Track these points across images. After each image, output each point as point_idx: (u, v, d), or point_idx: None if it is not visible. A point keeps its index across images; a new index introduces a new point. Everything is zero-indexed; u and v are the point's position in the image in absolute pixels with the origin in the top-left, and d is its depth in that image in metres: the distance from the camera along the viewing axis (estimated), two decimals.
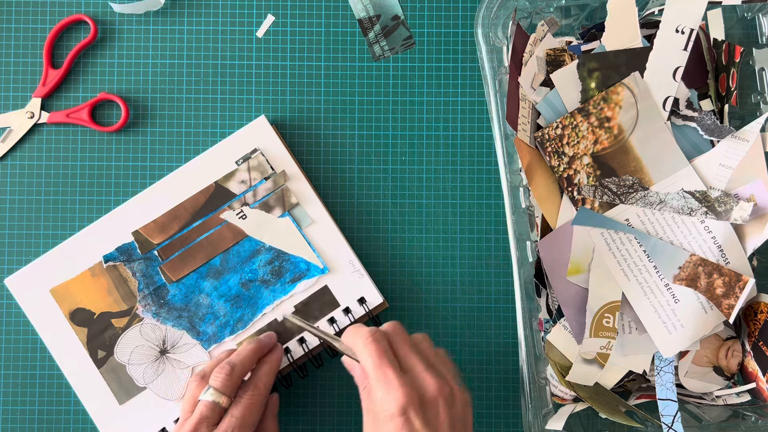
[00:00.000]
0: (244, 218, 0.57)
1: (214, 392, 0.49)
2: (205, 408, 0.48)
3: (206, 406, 0.48)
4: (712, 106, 0.54)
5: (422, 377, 0.45)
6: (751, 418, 0.53)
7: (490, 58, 0.53)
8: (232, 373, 0.49)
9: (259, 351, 0.52)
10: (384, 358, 0.45)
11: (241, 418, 0.48)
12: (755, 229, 0.51)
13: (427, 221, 0.59)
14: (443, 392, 0.45)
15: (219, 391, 0.49)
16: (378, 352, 0.45)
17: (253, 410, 0.49)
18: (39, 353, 0.58)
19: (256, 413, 0.50)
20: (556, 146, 0.53)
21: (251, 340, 0.53)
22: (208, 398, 0.49)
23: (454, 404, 0.45)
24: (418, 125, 0.59)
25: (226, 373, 0.49)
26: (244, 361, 0.51)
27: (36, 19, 0.59)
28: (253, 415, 0.49)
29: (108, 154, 0.59)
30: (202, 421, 0.48)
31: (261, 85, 0.59)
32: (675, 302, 0.52)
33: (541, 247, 0.53)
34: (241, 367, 0.50)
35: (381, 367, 0.44)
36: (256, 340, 0.53)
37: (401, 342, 0.47)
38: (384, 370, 0.44)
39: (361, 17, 0.53)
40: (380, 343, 0.46)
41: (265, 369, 0.52)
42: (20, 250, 0.59)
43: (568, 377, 0.53)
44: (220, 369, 0.50)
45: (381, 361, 0.45)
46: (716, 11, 0.55)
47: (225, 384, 0.49)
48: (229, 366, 0.50)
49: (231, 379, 0.49)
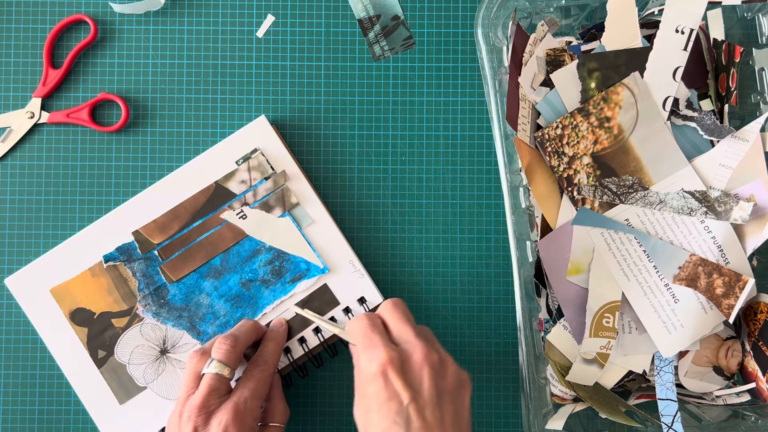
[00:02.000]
0: (244, 218, 0.57)
1: (218, 364, 0.49)
2: (212, 380, 0.48)
3: (212, 377, 0.48)
4: (712, 106, 0.54)
5: (411, 343, 0.44)
6: (751, 418, 0.53)
7: (490, 58, 0.53)
8: (236, 344, 0.50)
9: (259, 326, 0.53)
10: (374, 328, 0.45)
11: (252, 390, 0.49)
12: (755, 229, 0.51)
13: (427, 221, 0.59)
14: (430, 359, 0.43)
15: (222, 363, 0.49)
16: (369, 325, 0.45)
17: (263, 384, 0.50)
18: (39, 353, 0.58)
19: (265, 387, 0.50)
20: (556, 146, 0.53)
21: (270, 336, 0.54)
22: (212, 371, 0.49)
23: (444, 375, 0.44)
24: (418, 125, 0.59)
25: (229, 345, 0.49)
26: (246, 333, 0.51)
27: (36, 19, 0.59)
28: (263, 388, 0.50)
29: (108, 154, 0.59)
30: (212, 392, 0.48)
31: (261, 85, 0.59)
32: (675, 302, 0.52)
33: (541, 247, 0.53)
34: (244, 339, 0.51)
35: (368, 335, 0.45)
36: (255, 321, 0.54)
37: (396, 315, 0.47)
38: (370, 336, 0.44)
39: (361, 17, 0.53)
40: (372, 319, 0.46)
41: (272, 346, 0.52)
42: (20, 250, 0.59)
43: (568, 377, 0.53)
44: (222, 342, 0.50)
45: (370, 330, 0.45)
46: (716, 11, 0.55)
47: (228, 356, 0.49)
48: (232, 338, 0.50)
49: (234, 351, 0.50)
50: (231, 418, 0.47)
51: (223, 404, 0.48)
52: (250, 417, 0.48)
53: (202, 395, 0.48)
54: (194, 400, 0.48)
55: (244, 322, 0.53)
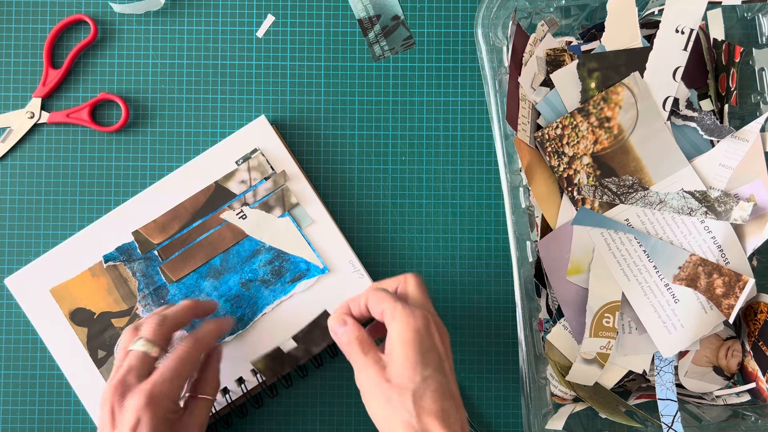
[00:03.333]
0: (244, 218, 0.57)
1: (145, 342, 0.47)
2: (134, 358, 0.47)
3: (135, 356, 0.47)
4: (712, 106, 0.54)
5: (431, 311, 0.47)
6: (751, 418, 0.53)
7: (490, 58, 0.53)
8: (163, 323, 0.49)
9: (194, 308, 0.52)
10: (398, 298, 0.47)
11: (173, 370, 0.47)
12: (755, 229, 0.51)
13: (427, 221, 0.59)
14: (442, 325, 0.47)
15: (149, 341, 0.48)
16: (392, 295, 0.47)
17: (187, 362, 0.48)
18: (39, 353, 0.58)
19: (189, 365, 0.48)
20: (556, 146, 0.53)
21: (191, 299, 0.53)
22: (138, 347, 0.47)
23: None
24: (418, 125, 0.59)
25: (155, 323, 0.48)
26: (177, 314, 0.50)
27: (36, 19, 0.59)
28: (186, 366, 0.48)
29: (108, 154, 0.59)
30: (131, 370, 0.46)
31: (261, 85, 0.59)
32: (675, 302, 0.52)
33: (541, 247, 0.53)
34: (173, 319, 0.49)
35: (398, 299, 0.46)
36: (194, 300, 0.53)
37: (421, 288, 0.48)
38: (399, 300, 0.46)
39: (361, 17, 0.54)
40: None
41: (209, 326, 0.51)
42: (20, 250, 0.59)
43: (568, 377, 0.53)
44: (149, 318, 0.49)
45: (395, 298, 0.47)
46: (716, 11, 0.55)
47: (155, 333, 0.48)
48: (160, 316, 0.49)
49: (161, 329, 0.48)
50: (144, 403, 0.45)
51: (140, 386, 0.46)
52: (167, 399, 0.46)
53: (120, 374, 0.46)
54: (112, 379, 0.46)
55: (181, 302, 0.52)
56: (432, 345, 0.45)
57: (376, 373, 0.44)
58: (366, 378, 0.45)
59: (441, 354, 0.45)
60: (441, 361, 0.45)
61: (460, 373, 0.59)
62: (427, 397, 0.43)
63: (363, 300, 0.47)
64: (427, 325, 0.45)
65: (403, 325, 0.44)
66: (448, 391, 0.44)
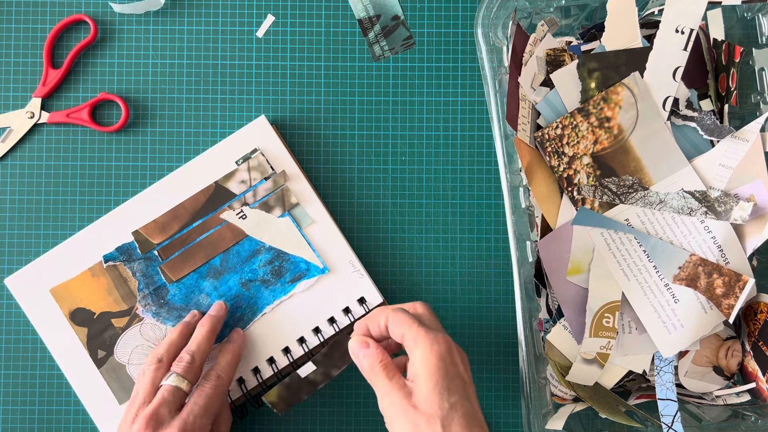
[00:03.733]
0: (244, 218, 0.57)
1: (177, 377, 0.49)
2: (167, 392, 0.49)
3: (168, 390, 0.49)
4: (712, 106, 0.54)
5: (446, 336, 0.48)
6: (751, 418, 0.53)
7: (490, 58, 0.53)
8: (193, 361, 0.51)
9: (213, 332, 0.53)
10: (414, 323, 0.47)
11: (203, 407, 0.49)
12: (755, 229, 0.51)
13: (427, 221, 0.59)
14: None
15: (182, 377, 0.50)
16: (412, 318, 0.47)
17: (215, 400, 0.50)
18: (39, 353, 0.58)
19: (217, 403, 0.50)
20: (556, 146, 0.53)
21: (203, 322, 0.53)
22: (171, 383, 0.49)
23: None
24: (418, 125, 0.59)
25: (187, 362, 0.50)
26: (201, 346, 0.52)
27: (36, 19, 0.59)
28: (214, 405, 0.50)
29: (108, 154, 0.59)
30: (164, 403, 0.48)
31: (261, 85, 0.59)
32: (675, 302, 0.52)
33: (541, 247, 0.53)
34: (200, 355, 0.51)
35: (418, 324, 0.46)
36: (208, 321, 0.54)
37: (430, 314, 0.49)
38: (420, 325, 0.46)
39: (361, 17, 0.54)
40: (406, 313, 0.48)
41: (227, 359, 0.52)
42: (20, 250, 0.59)
43: (568, 377, 0.53)
44: (181, 359, 0.51)
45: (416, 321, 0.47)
46: (716, 11, 0.55)
47: (187, 371, 0.50)
48: (190, 356, 0.51)
49: (193, 367, 0.50)
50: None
51: (173, 420, 0.48)
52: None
53: (154, 406, 0.48)
54: (147, 410, 0.48)
55: (199, 331, 0.53)
56: (456, 372, 0.45)
57: (402, 399, 0.44)
58: (391, 405, 0.45)
59: (465, 380, 0.46)
60: (465, 388, 0.45)
61: None
62: (456, 424, 0.43)
63: (383, 321, 0.47)
64: (450, 351, 0.46)
65: (427, 351, 0.45)
66: (475, 418, 0.44)
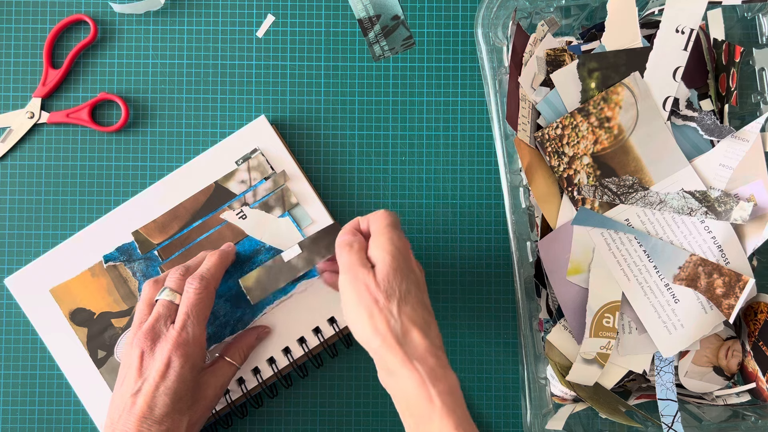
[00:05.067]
0: (244, 218, 0.57)
1: (170, 292, 0.50)
2: (162, 307, 0.49)
3: (162, 305, 0.49)
4: (712, 106, 0.54)
5: None
6: (751, 418, 0.53)
7: (490, 58, 0.53)
8: (186, 273, 0.51)
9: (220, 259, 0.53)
10: None
11: (189, 314, 0.49)
12: (755, 229, 0.51)
13: (427, 221, 0.59)
14: None
15: (174, 291, 0.50)
16: None
17: (201, 305, 0.50)
18: (39, 353, 0.58)
19: (204, 306, 0.50)
20: (556, 146, 0.53)
21: (212, 252, 0.53)
22: (164, 297, 0.50)
23: None
24: (418, 125, 0.59)
25: (180, 274, 0.51)
26: (198, 261, 0.52)
27: (36, 19, 0.59)
28: (201, 309, 0.50)
29: (108, 154, 0.59)
30: (159, 318, 0.49)
31: (261, 85, 0.59)
32: (675, 302, 0.52)
33: (541, 247, 0.53)
34: (195, 268, 0.51)
35: None
36: (218, 251, 0.53)
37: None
38: None
39: (361, 17, 0.53)
40: None
41: (212, 261, 0.52)
42: (20, 250, 0.59)
43: (568, 377, 0.53)
44: (174, 270, 0.51)
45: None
46: (716, 11, 0.55)
47: (179, 284, 0.50)
48: (183, 267, 0.51)
49: (185, 279, 0.50)
50: (173, 347, 0.48)
51: (169, 332, 0.48)
52: (195, 345, 0.49)
53: (150, 321, 0.49)
54: (144, 326, 0.49)
55: (202, 253, 0.53)
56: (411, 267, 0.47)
57: (366, 275, 0.46)
58: (353, 279, 0.46)
59: (419, 277, 0.48)
60: (418, 278, 0.47)
61: (461, 373, 0.59)
62: (410, 306, 0.45)
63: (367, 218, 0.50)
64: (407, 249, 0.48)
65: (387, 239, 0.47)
66: (427, 306, 0.46)
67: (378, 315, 0.44)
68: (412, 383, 0.43)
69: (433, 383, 0.43)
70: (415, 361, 0.43)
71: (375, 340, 0.44)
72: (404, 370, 0.43)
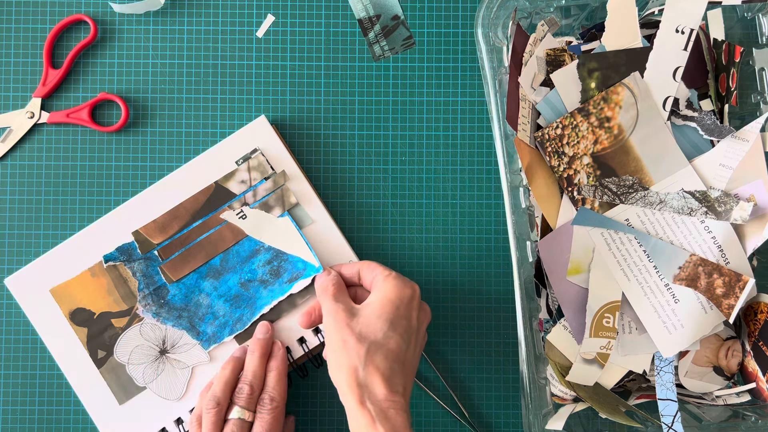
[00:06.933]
0: (244, 218, 0.57)
1: (240, 410, 0.51)
2: (235, 427, 0.50)
3: (235, 424, 0.50)
4: (712, 106, 0.54)
5: None
6: (751, 418, 0.53)
7: (490, 58, 0.53)
8: (253, 391, 0.52)
9: (264, 356, 0.54)
10: None
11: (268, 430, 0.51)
12: (755, 229, 0.51)
13: (427, 221, 0.59)
14: None
15: (244, 408, 0.51)
16: None
17: (275, 423, 0.51)
18: (39, 353, 0.58)
19: (278, 425, 0.52)
20: (556, 146, 0.53)
21: (252, 348, 0.54)
22: (236, 416, 0.51)
23: None
24: (418, 125, 0.59)
25: (247, 393, 0.52)
26: (257, 373, 0.53)
27: (36, 19, 0.59)
28: (276, 427, 0.51)
29: (108, 154, 0.59)
30: None
31: (261, 85, 0.59)
32: (675, 302, 0.52)
33: (541, 247, 0.53)
34: (257, 382, 0.52)
35: None
36: (258, 346, 0.54)
37: None
38: None
39: (361, 17, 0.53)
40: None
41: (274, 378, 0.53)
42: (20, 250, 0.59)
43: (568, 377, 0.53)
44: (240, 390, 0.52)
45: None
46: (716, 11, 0.55)
47: (249, 402, 0.51)
48: (248, 387, 0.52)
49: (253, 397, 0.52)
50: None
51: None
52: None
53: None
54: None
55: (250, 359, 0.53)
56: (408, 315, 0.48)
57: (343, 318, 0.47)
58: (332, 322, 0.48)
59: (413, 327, 0.48)
60: (409, 333, 0.48)
61: (461, 373, 0.59)
62: (381, 353, 0.46)
63: (357, 266, 0.52)
64: (412, 297, 0.48)
65: (390, 287, 0.48)
66: (403, 358, 0.47)
67: (343, 358, 0.46)
68: (364, 422, 0.45)
69: (382, 424, 0.45)
70: (368, 403, 0.45)
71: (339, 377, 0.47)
72: (356, 412, 0.46)
